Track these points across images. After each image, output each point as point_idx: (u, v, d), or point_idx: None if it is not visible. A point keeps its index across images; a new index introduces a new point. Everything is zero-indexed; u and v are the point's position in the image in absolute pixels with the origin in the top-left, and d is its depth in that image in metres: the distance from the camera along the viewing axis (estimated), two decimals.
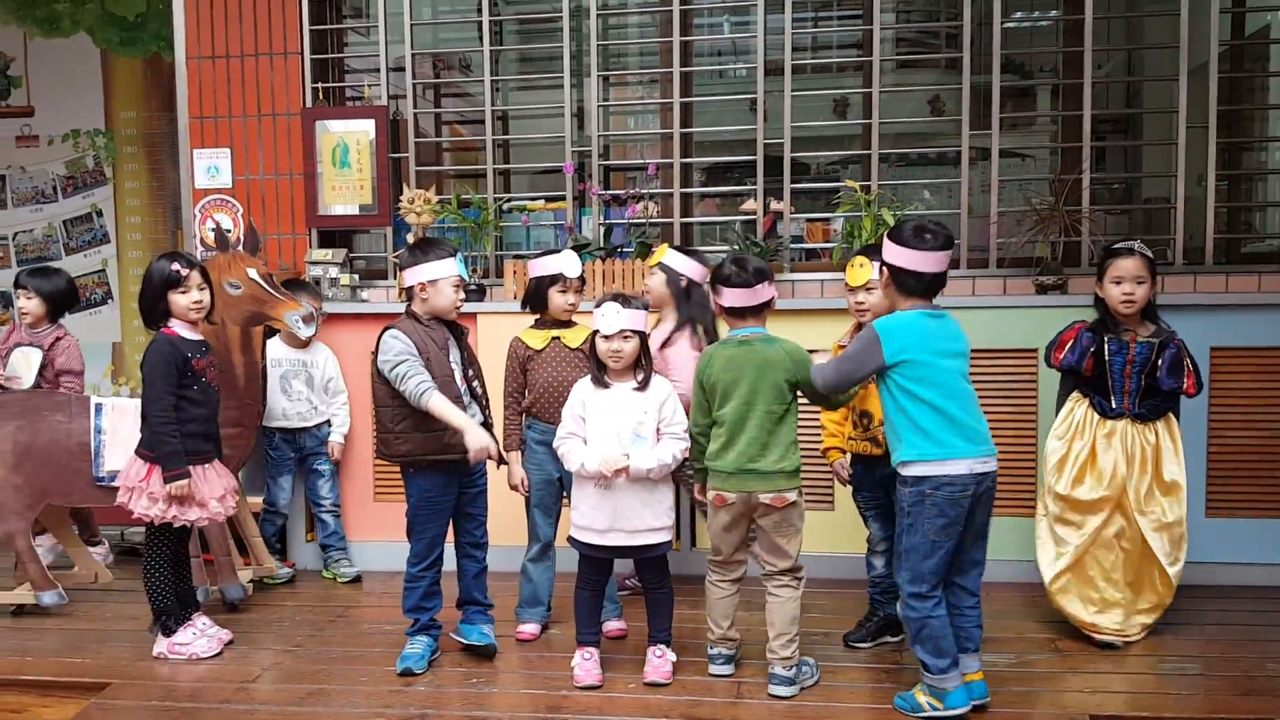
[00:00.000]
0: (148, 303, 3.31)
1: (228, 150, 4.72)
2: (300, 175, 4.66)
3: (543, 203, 4.73)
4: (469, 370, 3.32)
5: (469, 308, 4.22)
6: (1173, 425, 3.36)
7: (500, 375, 3.50)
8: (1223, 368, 3.87)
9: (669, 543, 3.08)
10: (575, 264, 3.44)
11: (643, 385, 3.05)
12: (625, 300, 3.02)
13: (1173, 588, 3.36)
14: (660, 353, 3.50)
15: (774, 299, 3.05)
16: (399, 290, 4.39)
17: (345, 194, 4.64)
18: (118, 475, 3.68)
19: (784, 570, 3.00)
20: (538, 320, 3.51)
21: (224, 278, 3.71)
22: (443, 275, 3.19)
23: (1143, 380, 3.28)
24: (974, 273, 4.24)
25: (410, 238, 4.36)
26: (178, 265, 3.29)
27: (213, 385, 3.39)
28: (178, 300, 3.30)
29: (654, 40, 4.76)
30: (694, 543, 4.16)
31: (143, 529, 3.46)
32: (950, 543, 2.80)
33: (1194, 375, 3.31)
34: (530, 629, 3.53)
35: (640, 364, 3.07)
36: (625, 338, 3.00)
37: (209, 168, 4.73)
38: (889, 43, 5.36)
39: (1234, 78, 4.31)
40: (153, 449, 3.27)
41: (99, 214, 5.86)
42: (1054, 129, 4.62)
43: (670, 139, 4.52)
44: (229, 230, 4.62)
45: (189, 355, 3.29)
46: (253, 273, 3.69)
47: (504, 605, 3.72)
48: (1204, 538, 3.78)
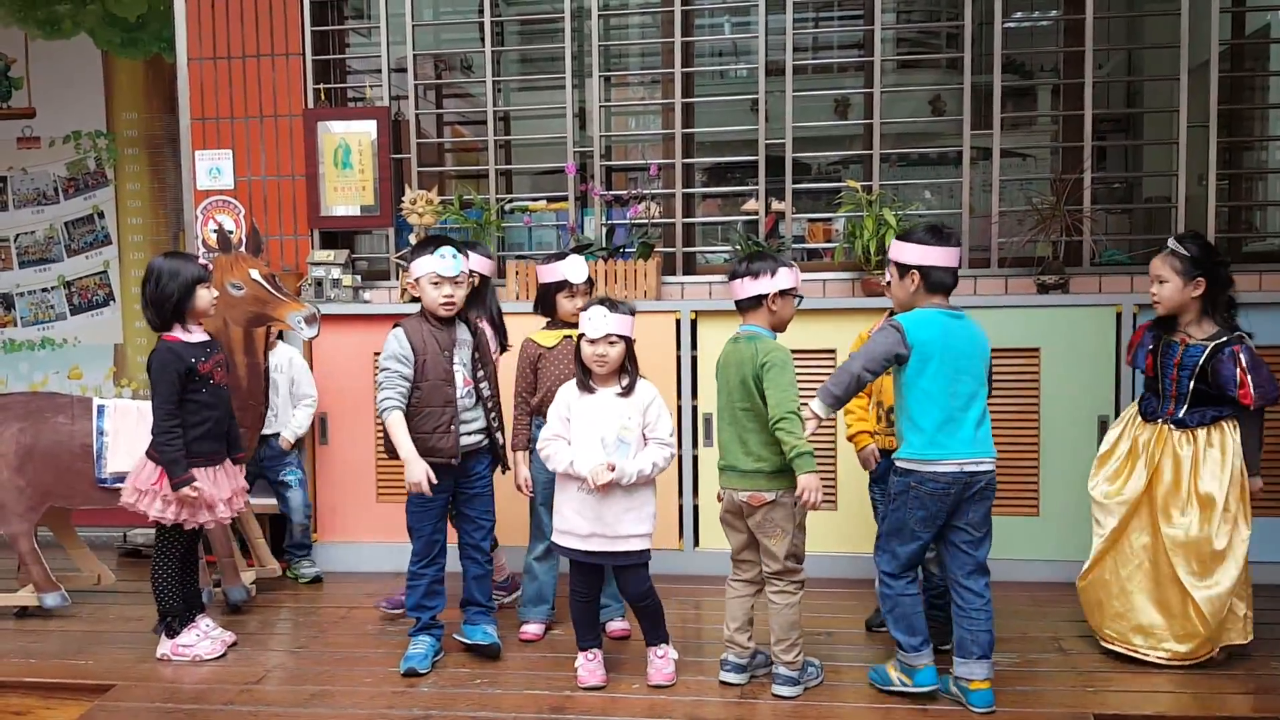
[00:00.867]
0: (175, 299, 3.27)
1: (229, 151, 4.73)
2: (302, 176, 4.67)
3: (545, 203, 4.73)
4: (480, 372, 3.31)
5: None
6: (1225, 436, 3.09)
7: (504, 378, 3.50)
8: None
9: (648, 551, 3.04)
10: (580, 270, 3.45)
11: (627, 391, 3.02)
12: (612, 305, 2.99)
13: (1208, 618, 3.05)
14: None
15: (767, 297, 2.97)
16: (401, 291, 4.39)
17: (347, 195, 4.65)
18: (121, 477, 3.69)
19: (776, 573, 2.98)
20: (549, 322, 3.52)
21: (226, 278, 3.71)
22: (421, 273, 3.20)
23: (1191, 384, 3.10)
24: (975, 272, 4.25)
25: (413, 238, 4.36)
26: (203, 260, 3.36)
27: (222, 385, 3.39)
28: (203, 295, 3.31)
29: (655, 41, 4.76)
30: (697, 542, 4.16)
31: (140, 529, 3.48)
32: (929, 534, 2.90)
33: (1250, 383, 3.02)
34: (534, 629, 3.53)
35: (625, 369, 3.04)
36: (610, 342, 2.98)
37: (211, 169, 4.74)
38: (890, 43, 5.36)
39: (1234, 77, 4.31)
40: (156, 436, 3.28)
41: (100, 215, 5.86)
42: (1055, 129, 4.62)
43: (672, 139, 4.53)
44: (231, 231, 4.62)
45: (193, 360, 3.28)
46: (255, 273, 3.69)
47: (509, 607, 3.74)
48: None
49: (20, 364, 5.85)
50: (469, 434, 3.27)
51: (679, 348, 4.10)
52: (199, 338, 3.36)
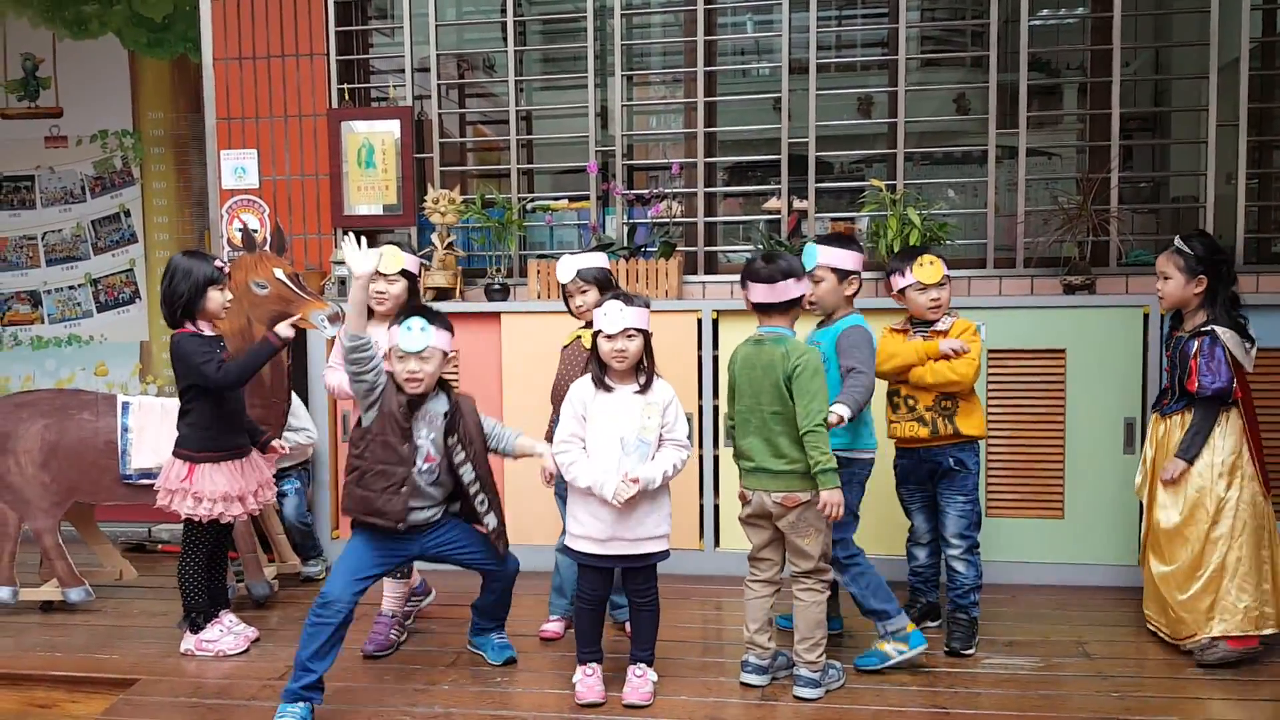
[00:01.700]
0: (186, 298, 3.30)
1: (254, 151, 4.75)
2: (326, 176, 4.69)
3: (566, 202, 4.73)
4: (458, 454, 3.01)
5: (494, 307, 4.24)
6: (1189, 421, 3.22)
7: (525, 375, 3.49)
8: (1258, 369, 3.81)
9: (667, 551, 3.02)
10: (563, 270, 3.41)
11: (645, 388, 2.98)
12: (628, 299, 2.95)
13: (1171, 601, 3.22)
14: None
15: (803, 298, 3.02)
16: (423, 290, 4.40)
17: (370, 194, 4.66)
18: (145, 473, 3.72)
19: (806, 572, 2.97)
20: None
21: (251, 277, 3.73)
22: (392, 344, 2.97)
23: (1178, 375, 3.25)
24: (1000, 272, 4.21)
25: (435, 238, 4.37)
26: (218, 262, 3.35)
27: None
28: (215, 297, 3.33)
29: (678, 40, 4.75)
30: (717, 542, 4.15)
31: (166, 525, 3.50)
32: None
33: (1197, 372, 3.12)
34: (554, 627, 3.53)
35: (642, 366, 2.99)
36: (629, 336, 2.92)
37: (236, 168, 4.77)
38: (914, 41, 5.33)
39: (1265, 75, 4.26)
40: (239, 378, 3.28)
41: (127, 214, 5.91)
42: (1081, 127, 4.58)
43: (694, 138, 4.52)
44: (255, 230, 4.65)
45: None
46: (279, 272, 3.71)
47: (533, 605, 3.73)
48: None
49: (47, 360, 5.92)
50: (419, 509, 3.02)
51: (700, 347, 4.09)
52: (212, 334, 3.38)
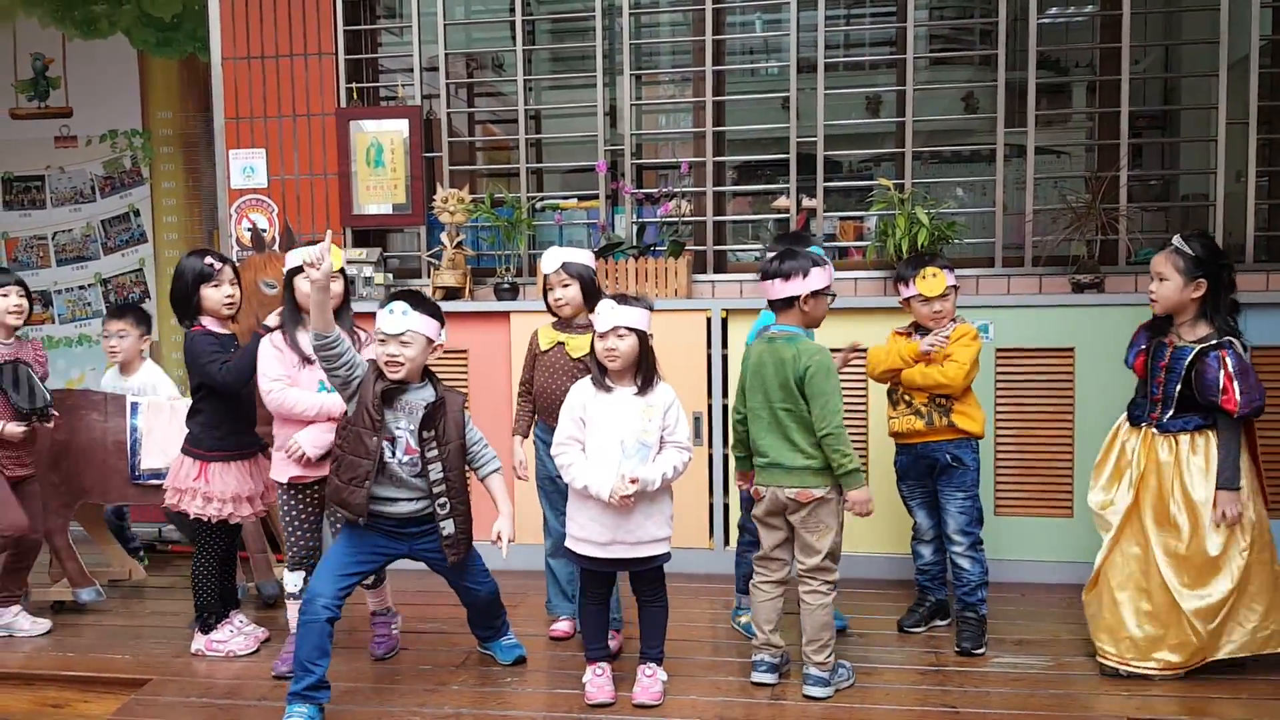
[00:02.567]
0: (181, 297, 3.33)
1: (263, 150, 4.76)
2: (335, 175, 4.70)
3: (575, 201, 4.74)
4: (430, 449, 2.95)
5: (503, 306, 4.25)
6: (1210, 444, 2.98)
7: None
8: (1264, 368, 3.78)
9: (668, 554, 2.99)
10: (549, 260, 3.35)
11: (643, 389, 2.94)
12: (624, 298, 2.92)
13: (1199, 629, 2.97)
14: None
15: (800, 298, 2.95)
16: (431, 290, 4.40)
17: (379, 193, 4.67)
18: (155, 473, 3.74)
19: (813, 569, 2.95)
20: (555, 320, 3.43)
21: (260, 277, 3.74)
22: (375, 326, 2.96)
23: (1178, 389, 2.98)
24: (1009, 271, 4.21)
25: (444, 237, 4.38)
26: (210, 259, 3.33)
27: None
28: (210, 295, 3.33)
29: (686, 39, 4.75)
30: (726, 541, 4.15)
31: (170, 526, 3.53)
32: None
33: (1234, 389, 2.89)
34: (563, 627, 3.53)
35: (641, 367, 2.95)
36: (620, 335, 2.88)
37: (244, 168, 4.78)
38: (922, 40, 5.32)
39: (1275, 72, 4.24)
40: (238, 377, 3.27)
41: (136, 214, 5.93)
42: (1090, 126, 4.57)
43: (703, 137, 4.51)
44: (264, 230, 4.66)
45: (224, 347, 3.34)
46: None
47: (535, 603, 3.74)
48: None
49: (58, 360, 5.94)
50: (406, 500, 2.98)
51: (709, 346, 4.09)
52: (224, 332, 3.39)
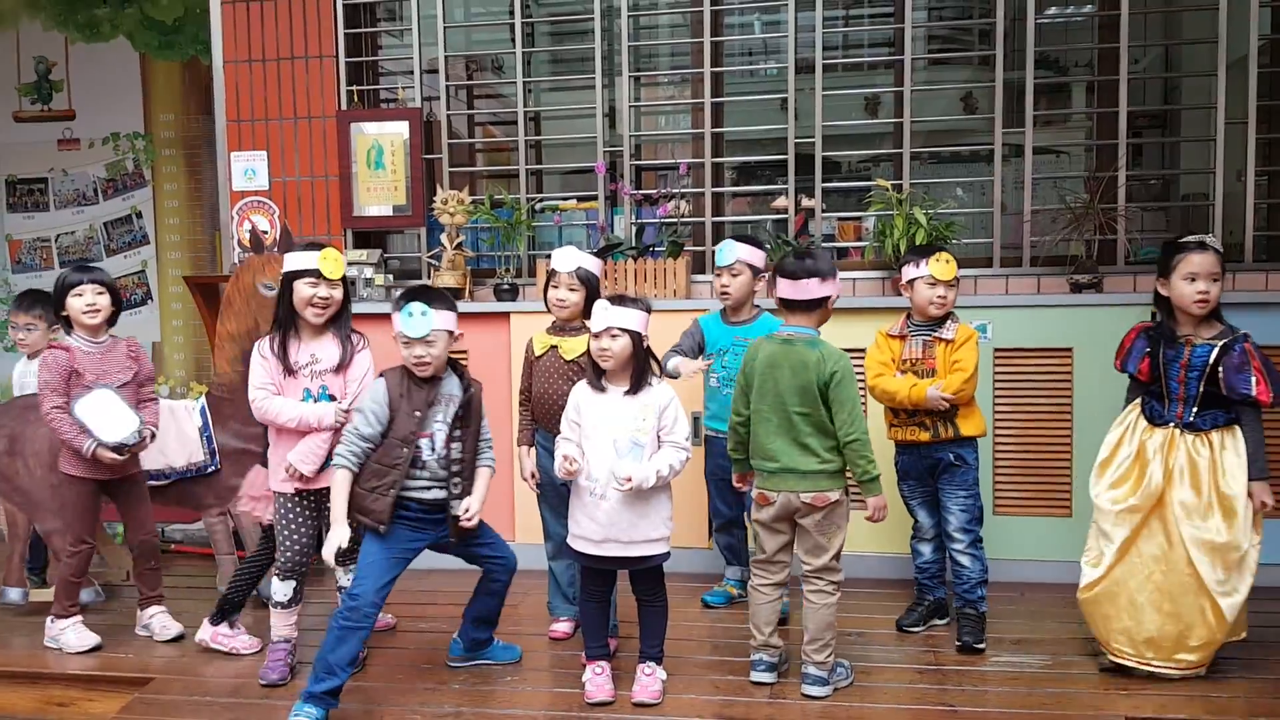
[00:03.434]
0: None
1: (264, 152, 4.79)
2: (335, 177, 4.72)
3: (575, 202, 4.75)
4: (455, 432, 3.02)
5: (503, 307, 4.27)
6: (1239, 438, 3.01)
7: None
8: None
9: (666, 554, 2.99)
10: (565, 258, 3.30)
11: (633, 389, 2.95)
12: (619, 299, 2.93)
13: (1227, 623, 2.98)
14: None
15: (830, 300, 2.98)
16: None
17: (380, 195, 4.69)
18: (152, 475, 3.75)
19: (819, 569, 2.95)
20: (551, 324, 3.42)
21: (258, 279, 3.75)
22: (396, 330, 2.97)
23: (1201, 386, 3.00)
24: (1007, 271, 4.22)
25: (444, 238, 4.40)
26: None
27: None
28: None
29: (685, 41, 4.77)
30: None
31: (179, 526, 3.53)
32: None
33: (1265, 380, 2.95)
34: (564, 628, 3.54)
35: (635, 367, 2.95)
36: (613, 336, 2.89)
37: (246, 170, 4.80)
38: (920, 40, 5.34)
39: (1274, 72, 4.25)
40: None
41: (139, 216, 5.95)
42: (1090, 125, 4.58)
43: (701, 138, 4.53)
44: (265, 232, 4.68)
45: None
46: None
47: (536, 603, 3.75)
48: None
49: None
50: (438, 486, 3.03)
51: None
52: None
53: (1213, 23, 4.10)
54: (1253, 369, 2.96)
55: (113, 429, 3.37)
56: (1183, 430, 3.05)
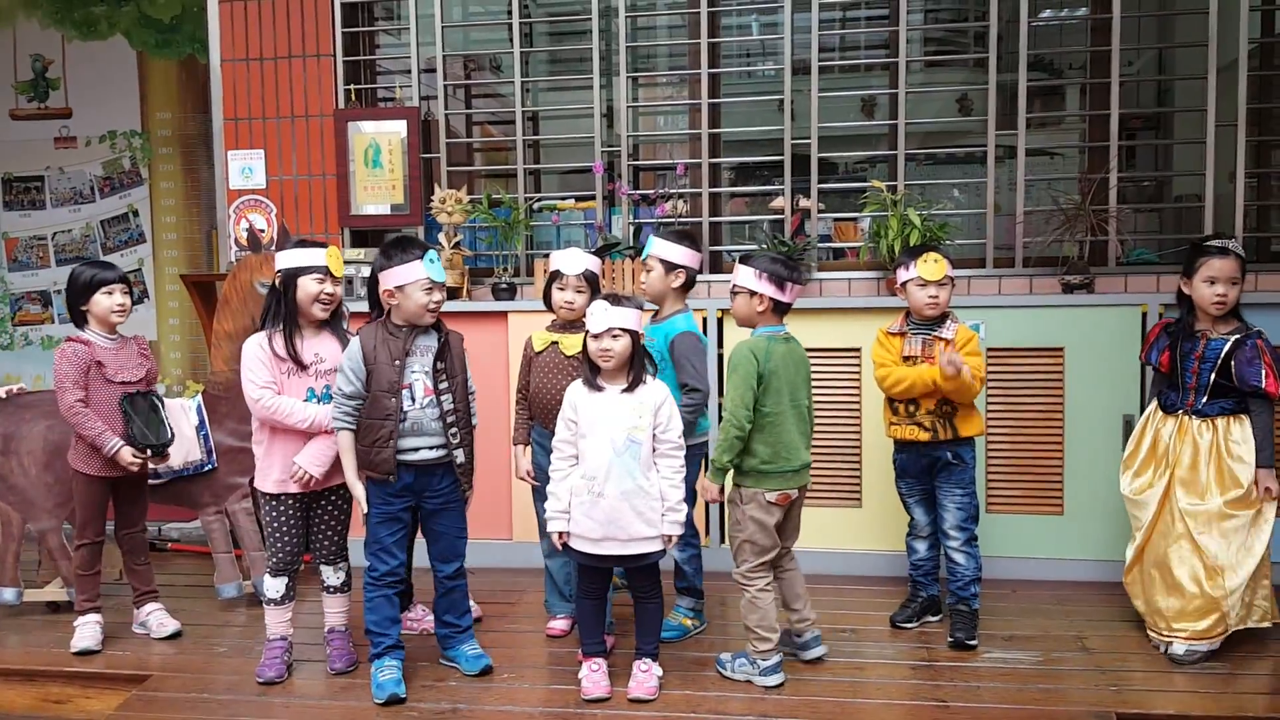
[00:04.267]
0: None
1: (261, 151, 4.80)
2: (333, 176, 4.73)
3: (573, 202, 4.77)
4: (442, 383, 3.08)
5: (500, 306, 4.28)
6: (1245, 426, 3.21)
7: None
8: None
9: (662, 552, 3.01)
10: (572, 261, 3.32)
11: (631, 387, 2.98)
12: (616, 299, 2.97)
13: (1226, 592, 3.14)
14: None
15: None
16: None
17: (377, 194, 4.70)
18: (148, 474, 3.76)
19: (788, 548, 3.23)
20: (551, 322, 3.44)
21: (255, 277, 3.77)
22: (408, 280, 3.02)
23: (1212, 377, 3.20)
24: (1000, 272, 4.25)
25: (442, 237, 4.42)
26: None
27: None
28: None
29: (683, 41, 4.78)
30: (722, 539, 4.19)
31: (174, 524, 3.53)
32: None
33: (1275, 374, 3.15)
34: (560, 625, 3.56)
35: (632, 366, 2.99)
36: (614, 336, 2.93)
37: (243, 168, 4.81)
38: (916, 42, 5.36)
39: (1264, 75, 4.29)
40: None
41: (135, 214, 5.96)
42: (1083, 127, 4.61)
43: (699, 139, 4.55)
44: (263, 230, 4.70)
45: None
46: None
47: (533, 600, 3.78)
48: None
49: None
50: (427, 448, 3.08)
51: None
52: None
53: (1204, 26, 4.13)
54: (1264, 363, 3.15)
55: (151, 432, 3.47)
56: (1191, 416, 3.28)
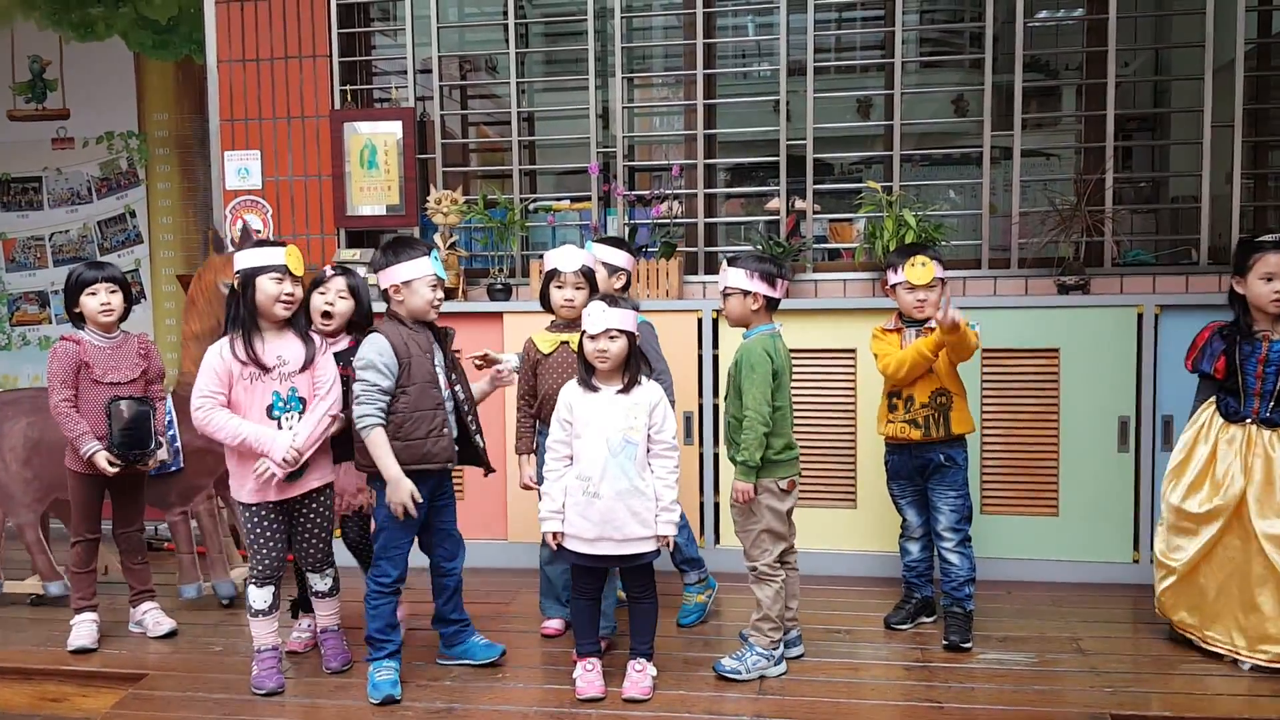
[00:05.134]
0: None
1: (258, 152, 4.80)
2: (329, 176, 4.73)
3: (568, 203, 4.77)
4: (452, 375, 3.18)
5: (496, 306, 4.29)
6: None
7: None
8: None
9: (657, 552, 3.01)
10: (569, 259, 3.31)
11: (627, 388, 2.99)
12: (612, 300, 2.98)
13: None
14: None
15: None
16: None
17: (373, 195, 4.71)
18: None
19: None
20: (551, 322, 3.43)
21: (219, 278, 3.77)
22: (417, 275, 3.06)
23: (1279, 382, 3.09)
24: (995, 273, 4.25)
25: (438, 238, 4.42)
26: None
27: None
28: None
29: (678, 42, 4.79)
30: (718, 539, 4.19)
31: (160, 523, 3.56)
32: None
33: None
34: (555, 625, 3.56)
35: (628, 366, 3.00)
36: (611, 337, 2.93)
37: (239, 169, 4.81)
38: (912, 43, 5.37)
39: (1260, 75, 4.29)
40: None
41: (132, 215, 5.96)
42: (1079, 128, 4.62)
43: (694, 139, 4.56)
44: (259, 230, 4.70)
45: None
46: None
47: (529, 601, 3.78)
48: None
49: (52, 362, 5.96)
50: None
51: (700, 346, 4.13)
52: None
53: (1201, 27, 4.14)
54: None
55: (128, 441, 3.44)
56: (1260, 425, 3.12)
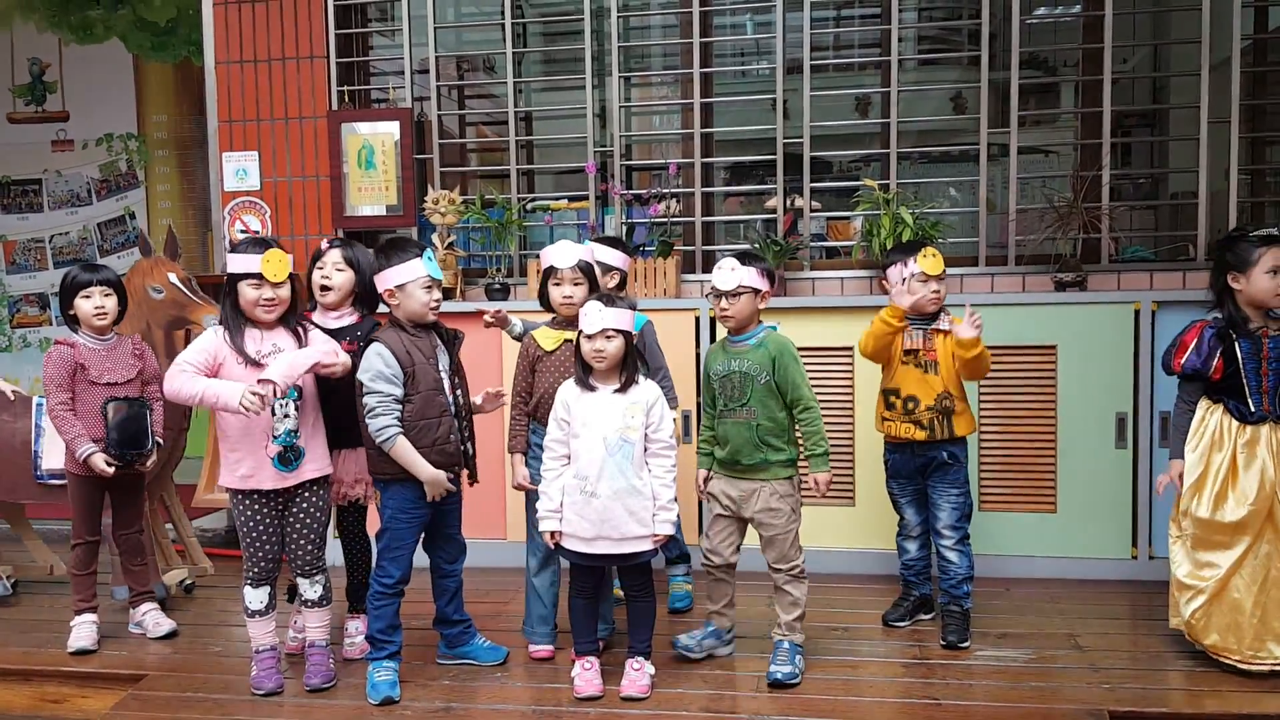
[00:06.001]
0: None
1: (256, 153, 4.81)
2: (327, 177, 4.74)
3: (566, 202, 4.78)
4: (455, 379, 3.16)
5: (494, 306, 4.28)
6: None
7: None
8: None
9: (654, 551, 3.01)
10: (565, 254, 3.25)
11: (624, 387, 2.99)
12: (609, 299, 2.97)
13: None
14: None
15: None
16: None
17: (371, 195, 4.71)
18: (56, 474, 3.78)
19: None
20: (553, 319, 3.38)
21: (147, 282, 3.78)
22: (409, 279, 3.03)
23: None
24: (992, 270, 4.26)
25: (435, 238, 4.42)
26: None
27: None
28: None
29: (675, 41, 4.79)
30: None
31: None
32: None
33: None
34: (545, 649, 3.37)
35: (625, 366, 2.99)
36: (608, 337, 2.92)
37: (238, 170, 4.82)
38: (909, 41, 5.37)
39: (1257, 71, 4.29)
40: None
41: (132, 216, 5.98)
42: (1076, 125, 4.62)
43: (692, 138, 4.56)
44: (258, 231, 4.71)
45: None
46: (173, 277, 3.80)
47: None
48: None
49: None
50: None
51: (698, 345, 4.14)
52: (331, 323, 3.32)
53: (1198, 23, 4.13)
54: None
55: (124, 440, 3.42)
56: (1275, 423, 3.05)
